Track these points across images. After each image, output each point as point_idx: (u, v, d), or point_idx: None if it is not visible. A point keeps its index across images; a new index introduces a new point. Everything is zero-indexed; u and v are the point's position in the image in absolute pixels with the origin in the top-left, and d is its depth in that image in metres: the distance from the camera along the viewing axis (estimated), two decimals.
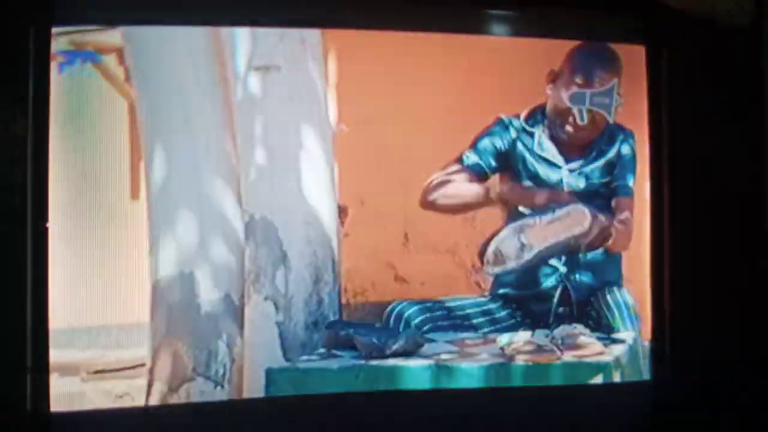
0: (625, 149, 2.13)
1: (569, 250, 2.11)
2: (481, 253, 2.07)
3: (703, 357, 2.07)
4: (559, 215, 2.08)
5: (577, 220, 2.08)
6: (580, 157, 2.13)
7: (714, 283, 2.08)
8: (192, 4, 1.92)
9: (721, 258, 2.09)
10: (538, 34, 2.11)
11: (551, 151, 2.12)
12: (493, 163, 2.10)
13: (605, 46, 2.12)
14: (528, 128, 2.11)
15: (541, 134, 2.11)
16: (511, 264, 2.07)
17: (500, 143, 2.10)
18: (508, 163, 2.12)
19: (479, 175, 2.10)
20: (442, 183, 2.07)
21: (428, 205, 2.06)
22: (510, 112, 2.11)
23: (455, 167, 2.09)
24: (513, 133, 2.11)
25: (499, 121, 2.10)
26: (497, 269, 2.07)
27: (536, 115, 2.12)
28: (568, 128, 2.11)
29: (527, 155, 2.11)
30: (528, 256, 2.07)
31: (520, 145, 2.11)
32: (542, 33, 2.11)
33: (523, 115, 2.11)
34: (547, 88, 2.11)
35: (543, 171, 2.12)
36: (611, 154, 2.13)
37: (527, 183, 2.11)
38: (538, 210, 2.09)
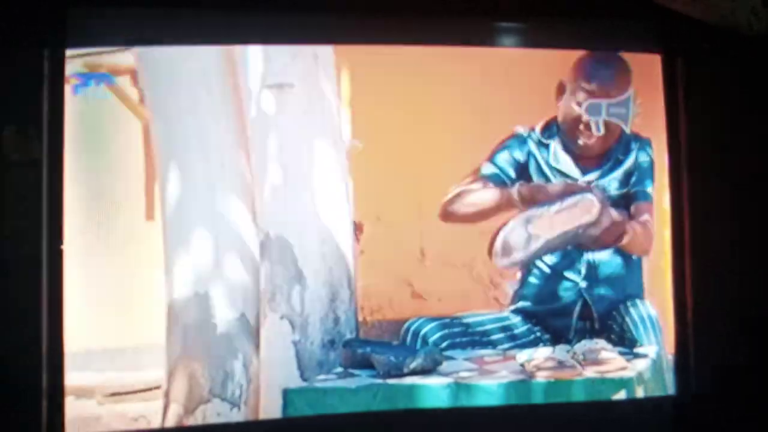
0: (642, 157, 2.11)
1: (579, 243, 2.07)
2: (491, 247, 2.04)
3: (728, 371, 2.03)
4: (567, 205, 2.06)
5: (585, 209, 2.05)
6: (597, 168, 2.10)
7: (737, 293, 2.05)
8: (204, 24, 1.92)
9: (743, 267, 2.05)
10: (554, 46, 2.09)
11: (567, 164, 2.10)
12: (512, 174, 2.09)
13: (610, 53, 2.11)
14: (544, 140, 2.09)
15: (556, 146, 2.09)
16: (519, 255, 2.05)
17: (517, 155, 2.09)
18: (525, 174, 2.10)
19: (498, 184, 2.08)
20: (462, 193, 2.05)
21: (448, 216, 2.04)
22: (526, 125, 2.10)
23: (474, 178, 2.07)
24: (529, 146, 2.09)
25: (516, 134, 2.09)
26: (505, 261, 2.05)
27: (552, 128, 2.10)
28: (581, 137, 2.09)
29: (544, 167, 2.09)
30: (535, 246, 2.05)
31: (536, 157, 2.09)
32: (558, 44, 2.09)
33: (538, 128, 2.10)
34: (558, 101, 2.09)
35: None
36: (628, 163, 2.11)
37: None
38: (547, 201, 2.07)
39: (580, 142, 2.09)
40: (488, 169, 2.08)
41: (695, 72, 2.10)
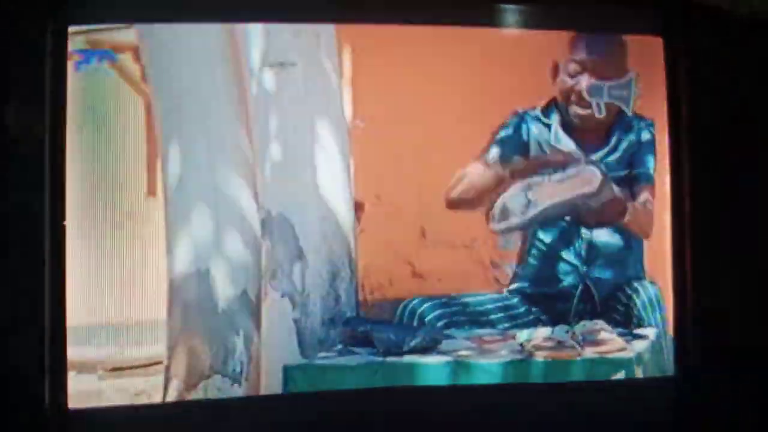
0: (645, 137, 2.11)
1: (579, 217, 2.08)
2: (488, 211, 2.05)
3: (728, 352, 2.03)
4: (569, 174, 2.06)
5: (586, 180, 2.06)
6: (599, 148, 2.10)
7: (738, 275, 2.05)
8: (206, 1, 1.93)
9: (744, 250, 2.06)
10: (556, 27, 2.09)
11: (569, 143, 2.10)
12: (514, 155, 2.08)
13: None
14: (544, 120, 2.09)
15: (557, 126, 2.09)
16: (516, 220, 2.05)
17: (519, 135, 2.09)
18: (527, 154, 2.09)
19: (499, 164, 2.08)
20: (461, 178, 2.05)
21: (452, 204, 2.05)
22: (526, 105, 2.10)
23: (476, 161, 2.07)
24: (531, 125, 2.09)
25: (516, 115, 2.09)
26: (502, 225, 2.05)
27: (552, 107, 2.10)
28: (577, 110, 2.08)
29: (545, 147, 2.09)
30: (533, 212, 2.05)
31: (537, 137, 2.09)
32: (560, 25, 2.09)
33: (539, 107, 2.10)
34: (555, 80, 2.09)
35: None
36: (631, 143, 2.11)
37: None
38: (549, 169, 2.08)
39: (579, 116, 2.08)
40: (491, 153, 2.07)
41: (697, 55, 2.09)
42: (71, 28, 1.85)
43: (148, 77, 1.90)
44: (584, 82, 2.08)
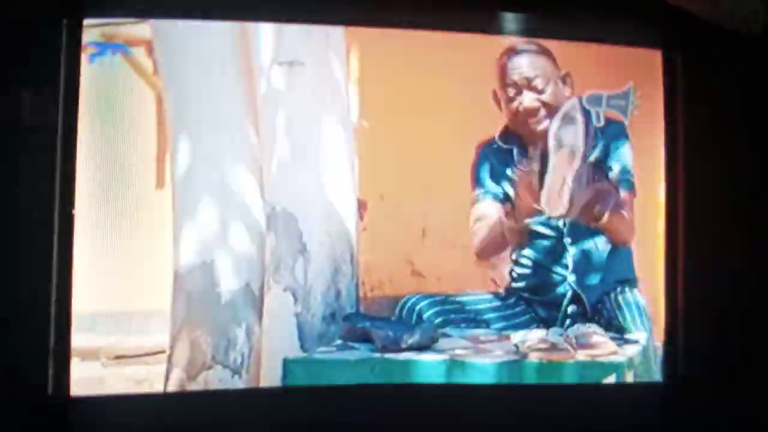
0: (615, 142, 2.11)
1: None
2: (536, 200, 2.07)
3: (715, 359, 2.07)
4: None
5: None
6: None
7: (728, 285, 2.09)
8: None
9: (735, 260, 2.09)
10: (555, 37, 2.13)
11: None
12: (498, 190, 2.11)
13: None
14: (504, 146, 2.10)
15: (517, 150, 2.10)
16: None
17: (491, 169, 2.10)
18: (501, 182, 2.12)
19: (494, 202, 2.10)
20: (476, 233, 2.09)
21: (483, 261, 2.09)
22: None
23: (476, 209, 2.10)
24: (495, 156, 2.11)
25: (481, 151, 2.11)
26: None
27: (508, 133, 2.11)
28: (529, 127, 2.10)
29: (511, 174, 2.11)
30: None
31: (505, 165, 2.11)
32: (559, 36, 2.13)
33: (497, 136, 2.11)
34: (501, 109, 2.11)
35: None
36: (596, 153, 2.11)
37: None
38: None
39: (536, 132, 2.09)
40: (479, 193, 2.10)
41: (695, 68, 2.13)
42: (86, 21, 1.88)
43: (160, 71, 1.93)
44: (526, 99, 2.09)
